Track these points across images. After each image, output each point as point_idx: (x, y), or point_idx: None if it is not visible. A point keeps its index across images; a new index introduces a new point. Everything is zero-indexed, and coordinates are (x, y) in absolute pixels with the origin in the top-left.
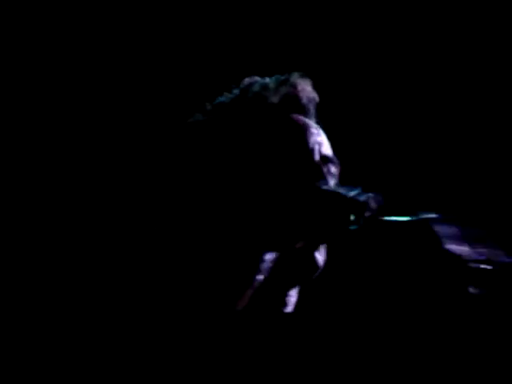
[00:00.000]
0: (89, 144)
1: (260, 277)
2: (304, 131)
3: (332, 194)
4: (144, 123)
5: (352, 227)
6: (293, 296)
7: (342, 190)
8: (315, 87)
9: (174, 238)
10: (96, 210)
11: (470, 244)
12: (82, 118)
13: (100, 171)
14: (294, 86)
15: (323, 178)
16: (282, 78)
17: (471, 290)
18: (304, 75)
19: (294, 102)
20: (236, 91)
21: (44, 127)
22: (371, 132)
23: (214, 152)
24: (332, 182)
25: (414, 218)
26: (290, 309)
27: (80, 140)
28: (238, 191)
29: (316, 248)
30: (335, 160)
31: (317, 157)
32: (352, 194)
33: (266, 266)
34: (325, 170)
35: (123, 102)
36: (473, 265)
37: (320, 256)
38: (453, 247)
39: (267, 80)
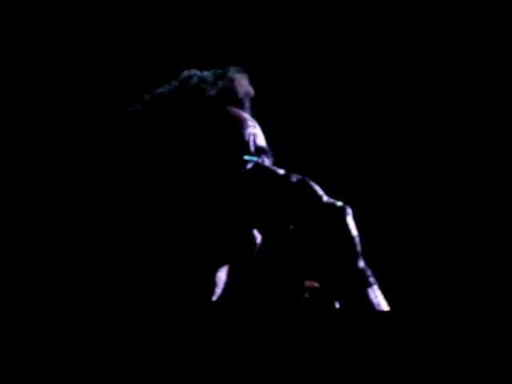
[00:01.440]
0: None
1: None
2: (240, 123)
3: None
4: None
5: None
6: (222, 275)
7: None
8: (251, 82)
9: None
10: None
11: None
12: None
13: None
14: (232, 81)
15: None
16: (220, 71)
17: None
18: (241, 70)
19: (231, 96)
20: (175, 83)
21: None
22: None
23: (150, 142)
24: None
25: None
26: (218, 291)
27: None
28: (174, 180)
29: (255, 226)
30: (269, 151)
31: (252, 148)
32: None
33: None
34: (259, 160)
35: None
36: None
37: (258, 234)
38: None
39: (205, 73)
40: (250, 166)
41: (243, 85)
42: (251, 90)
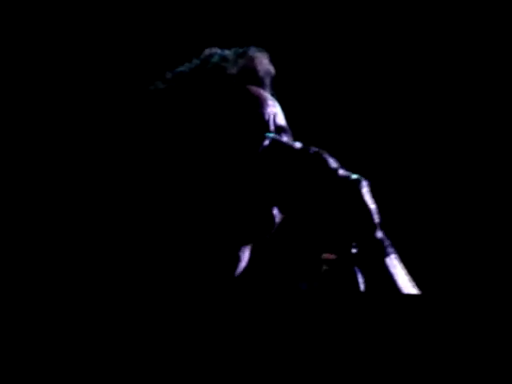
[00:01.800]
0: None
1: None
2: (260, 102)
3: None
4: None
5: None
6: (246, 253)
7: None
8: (272, 61)
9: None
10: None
11: None
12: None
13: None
14: (252, 59)
15: None
16: (241, 50)
17: None
18: (262, 49)
19: (252, 75)
20: (196, 61)
21: None
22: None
23: (172, 119)
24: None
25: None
26: (241, 267)
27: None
28: (195, 157)
29: (274, 203)
30: (288, 130)
31: (272, 127)
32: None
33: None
34: (277, 137)
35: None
36: None
37: (277, 212)
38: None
39: (226, 52)
40: (267, 141)
41: (264, 63)
42: (272, 69)
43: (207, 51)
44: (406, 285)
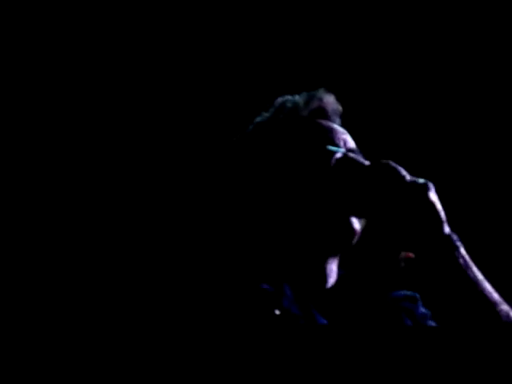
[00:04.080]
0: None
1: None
2: (330, 130)
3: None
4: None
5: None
6: (334, 266)
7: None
8: (338, 99)
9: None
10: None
11: None
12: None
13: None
14: (321, 100)
15: None
16: (310, 94)
17: None
18: (328, 90)
19: (321, 114)
20: (271, 110)
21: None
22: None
23: (259, 158)
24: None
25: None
26: (332, 280)
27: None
28: (279, 183)
29: (352, 213)
30: (359, 152)
31: (343, 149)
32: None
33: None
34: (345, 151)
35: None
36: None
37: (356, 221)
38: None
39: (297, 97)
40: (338, 155)
41: (331, 102)
42: (339, 107)
43: (279, 99)
44: (476, 274)
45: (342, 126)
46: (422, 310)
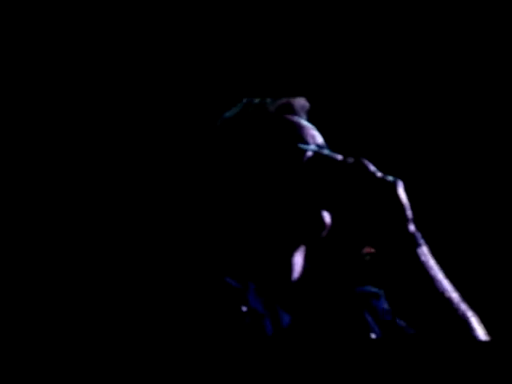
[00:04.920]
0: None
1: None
2: (298, 126)
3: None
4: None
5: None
6: (299, 258)
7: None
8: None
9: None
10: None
11: None
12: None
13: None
14: (288, 98)
15: None
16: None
17: None
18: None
19: (289, 109)
20: (239, 105)
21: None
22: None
23: (227, 152)
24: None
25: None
26: (297, 273)
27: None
28: (249, 176)
29: (323, 207)
30: (327, 148)
31: (312, 145)
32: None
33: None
34: (317, 148)
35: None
36: None
37: (327, 214)
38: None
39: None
40: (310, 153)
41: (299, 99)
42: (306, 103)
43: (246, 99)
44: (436, 272)
45: (309, 121)
46: (384, 306)
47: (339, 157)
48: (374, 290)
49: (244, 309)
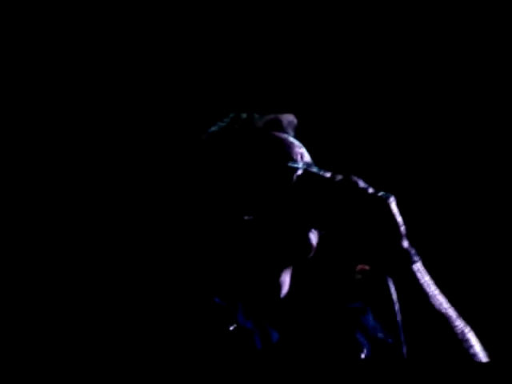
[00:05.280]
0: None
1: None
2: (286, 144)
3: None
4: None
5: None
6: (287, 277)
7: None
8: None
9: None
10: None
11: None
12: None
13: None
14: (276, 114)
15: None
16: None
17: None
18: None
19: (277, 125)
20: (226, 120)
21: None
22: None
23: (213, 174)
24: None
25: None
26: (284, 291)
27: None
28: (236, 192)
29: (309, 228)
30: (315, 166)
31: (300, 163)
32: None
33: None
34: (305, 166)
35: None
36: None
37: (313, 236)
38: None
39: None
40: (299, 171)
41: (286, 115)
42: (294, 119)
43: (233, 113)
44: (432, 289)
45: (296, 138)
46: (372, 322)
47: (328, 174)
48: (360, 305)
49: (232, 327)
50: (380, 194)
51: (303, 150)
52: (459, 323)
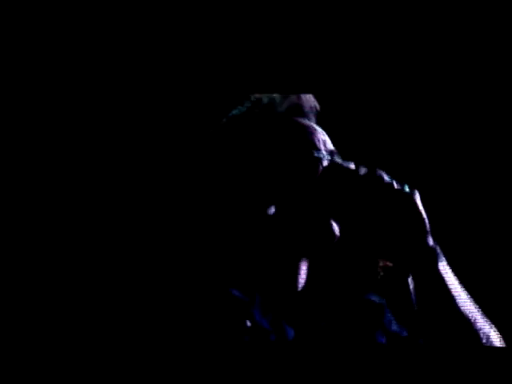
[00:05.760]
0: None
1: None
2: (309, 131)
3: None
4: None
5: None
6: (304, 271)
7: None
8: (316, 98)
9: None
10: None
11: None
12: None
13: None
14: (298, 98)
15: None
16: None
17: None
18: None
19: (298, 111)
20: (247, 104)
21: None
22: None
23: (233, 160)
24: None
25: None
26: (301, 285)
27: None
28: (259, 180)
29: (334, 217)
30: (338, 154)
31: (323, 151)
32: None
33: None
34: (331, 157)
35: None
36: None
37: (336, 224)
38: None
39: (274, 95)
40: (325, 163)
41: (309, 100)
42: (317, 105)
43: (255, 96)
44: (459, 289)
45: (318, 124)
46: (388, 316)
47: (352, 166)
48: (377, 299)
49: (248, 324)
50: (406, 189)
51: (326, 138)
52: (485, 326)
